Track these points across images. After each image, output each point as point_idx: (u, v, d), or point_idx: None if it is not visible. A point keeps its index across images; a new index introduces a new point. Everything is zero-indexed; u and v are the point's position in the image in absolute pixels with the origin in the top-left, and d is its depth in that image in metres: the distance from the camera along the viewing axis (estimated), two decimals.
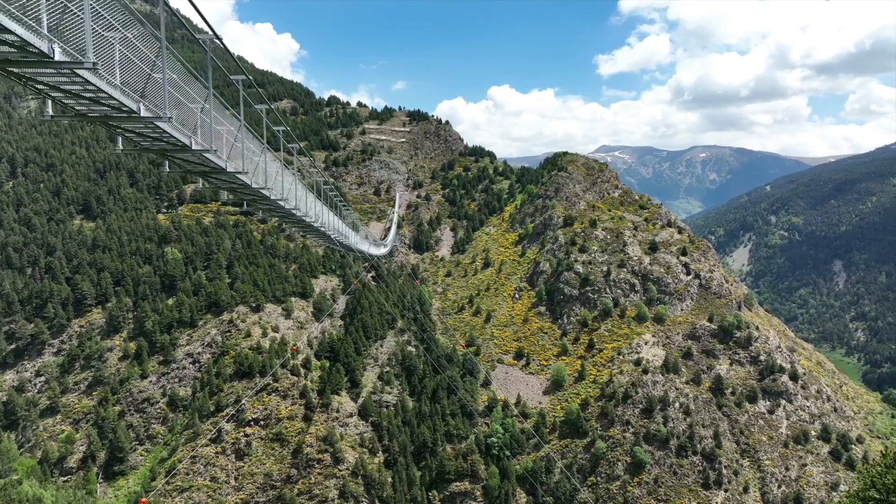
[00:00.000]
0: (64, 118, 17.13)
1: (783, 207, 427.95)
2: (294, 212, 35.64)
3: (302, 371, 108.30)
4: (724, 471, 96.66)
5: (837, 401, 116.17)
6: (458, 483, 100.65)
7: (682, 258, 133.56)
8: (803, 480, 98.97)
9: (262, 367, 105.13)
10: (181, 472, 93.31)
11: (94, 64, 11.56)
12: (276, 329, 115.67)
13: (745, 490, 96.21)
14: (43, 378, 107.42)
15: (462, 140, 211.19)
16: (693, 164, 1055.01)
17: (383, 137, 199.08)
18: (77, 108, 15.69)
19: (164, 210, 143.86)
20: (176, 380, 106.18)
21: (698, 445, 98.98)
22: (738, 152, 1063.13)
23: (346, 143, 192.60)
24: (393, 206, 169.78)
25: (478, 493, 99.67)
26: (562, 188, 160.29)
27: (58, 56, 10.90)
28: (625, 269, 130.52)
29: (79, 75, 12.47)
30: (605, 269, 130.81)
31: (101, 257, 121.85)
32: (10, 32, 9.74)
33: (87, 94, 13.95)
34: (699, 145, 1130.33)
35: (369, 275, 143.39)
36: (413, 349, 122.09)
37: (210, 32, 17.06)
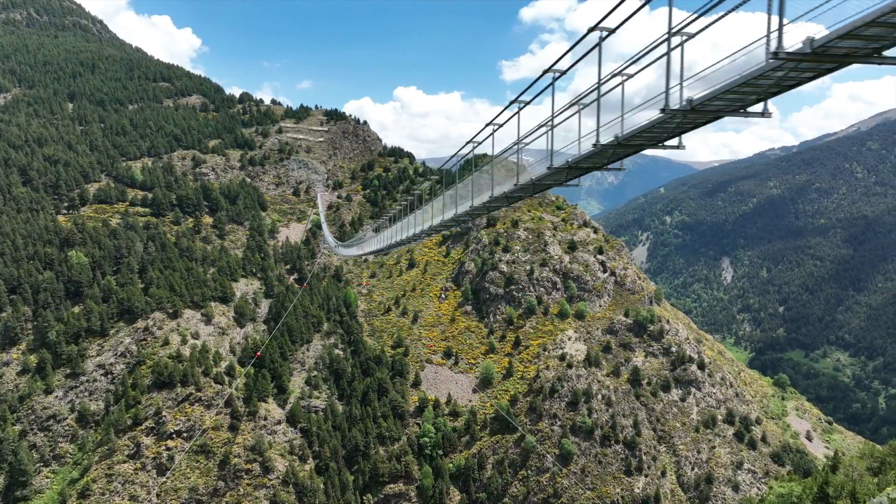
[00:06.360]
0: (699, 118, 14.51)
1: (676, 208, 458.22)
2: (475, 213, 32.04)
3: (226, 379, 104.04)
4: (644, 457, 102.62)
5: (738, 386, 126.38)
6: (391, 485, 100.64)
7: (599, 256, 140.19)
8: (713, 462, 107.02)
9: (182, 376, 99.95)
10: (95, 493, 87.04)
11: None
12: (196, 336, 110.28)
13: (663, 474, 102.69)
14: None
15: (381, 140, 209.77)
16: None
17: (301, 136, 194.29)
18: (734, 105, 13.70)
19: (65, 211, 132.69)
20: (86, 393, 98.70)
21: (620, 434, 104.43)
22: (633, 156, 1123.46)
23: (262, 141, 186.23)
24: (313, 207, 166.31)
25: (412, 494, 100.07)
26: None
27: None
28: (547, 268, 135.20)
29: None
30: (528, 268, 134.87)
31: None
32: None
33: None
34: None
35: (291, 277, 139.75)
36: (340, 352, 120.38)
37: None
